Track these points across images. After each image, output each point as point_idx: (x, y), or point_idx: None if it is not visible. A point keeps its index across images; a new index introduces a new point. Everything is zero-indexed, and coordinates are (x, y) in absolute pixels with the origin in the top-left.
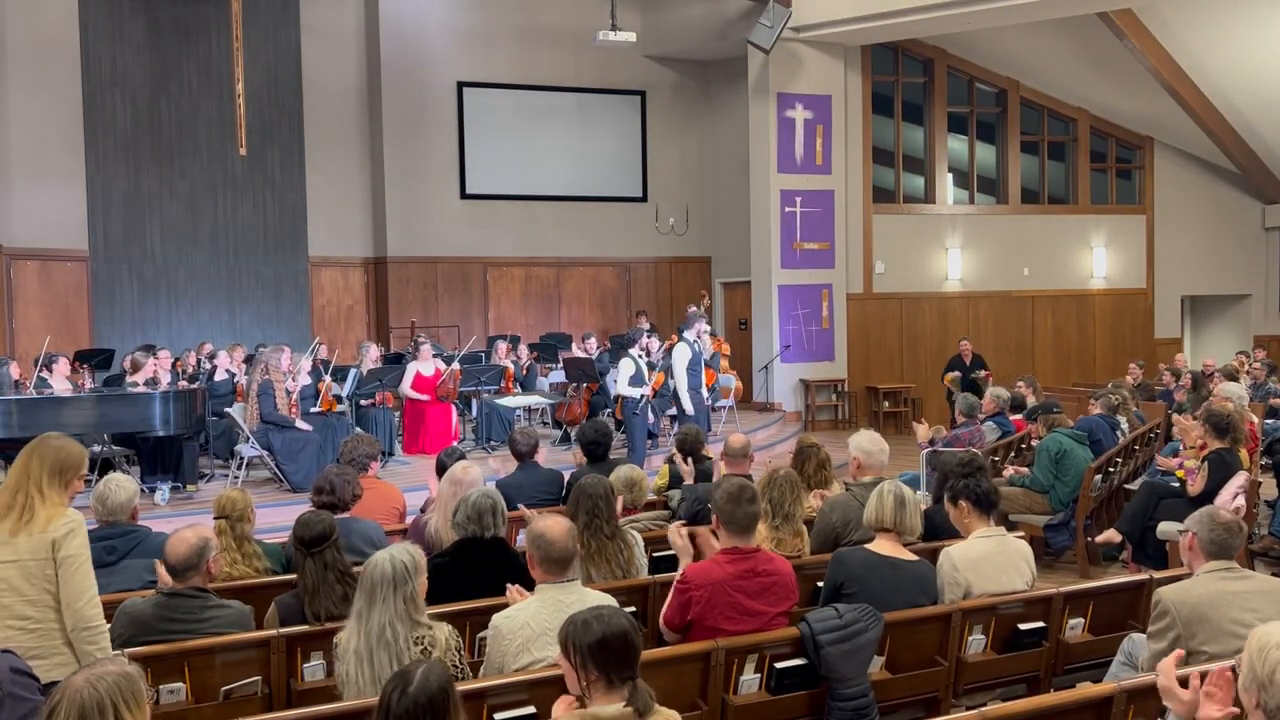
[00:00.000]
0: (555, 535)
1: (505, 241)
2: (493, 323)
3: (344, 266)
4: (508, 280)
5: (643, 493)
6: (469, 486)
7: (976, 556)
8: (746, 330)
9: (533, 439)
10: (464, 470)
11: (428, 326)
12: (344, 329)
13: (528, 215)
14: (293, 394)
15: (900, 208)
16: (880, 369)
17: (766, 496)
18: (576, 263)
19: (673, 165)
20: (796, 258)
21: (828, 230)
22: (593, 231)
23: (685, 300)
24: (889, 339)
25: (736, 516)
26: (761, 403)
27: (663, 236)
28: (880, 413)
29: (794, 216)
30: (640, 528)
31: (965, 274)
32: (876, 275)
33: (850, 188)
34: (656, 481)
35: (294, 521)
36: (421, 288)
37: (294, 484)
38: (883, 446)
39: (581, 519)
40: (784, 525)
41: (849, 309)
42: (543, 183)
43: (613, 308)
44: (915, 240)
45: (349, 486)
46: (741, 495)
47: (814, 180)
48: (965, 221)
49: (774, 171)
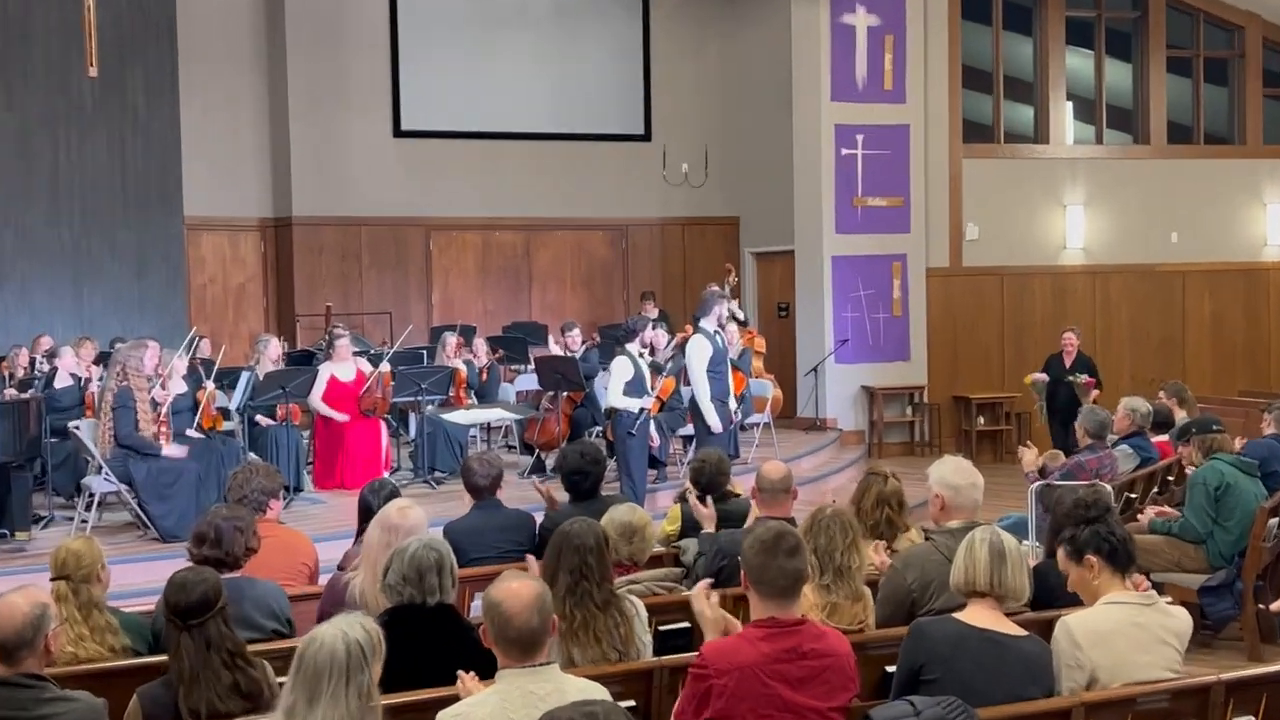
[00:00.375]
0: (517, 605)
1: (455, 196)
2: (438, 308)
3: (233, 231)
4: (459, 249)
5: (645, 543)
6: (407, 535)
7: (1106, 630)
8: (788, 318)
9: (494, 469)
10: (399, 512)
11: (348, 314)
12: (233, 317)
13: (486, 160)
14: (162, 407)
15: (1001, 149)
16: (973, 372)
17: (810, 545)
18: (554, 225)
19: (686, 92)
20: (857, 219)
21: (901, 181)
22: (576, 182)
23: (703, 277)
24: (985, 331)
25: (772, 574)
26: (809, 419)
27: (672, 189)
28: (972, 432)
29: (854, 162)
30: (641, 591)
31: (1090, 241)
32: (968, 243)
33: (932, 122)
34: (664, 528)
35: (165, 583)
36: (340, 260)
37: (163, 531)
38: (975, 480)
39: (563, 580)
40: (837, 585)
41: (930, 290)
42: (507, 116)
43: (603, 286)
44: (1021, 194)
45: (242, 535)
46: (779, 544)
47: (882, 112)
48: (1090, 168)
49: (826, 100)
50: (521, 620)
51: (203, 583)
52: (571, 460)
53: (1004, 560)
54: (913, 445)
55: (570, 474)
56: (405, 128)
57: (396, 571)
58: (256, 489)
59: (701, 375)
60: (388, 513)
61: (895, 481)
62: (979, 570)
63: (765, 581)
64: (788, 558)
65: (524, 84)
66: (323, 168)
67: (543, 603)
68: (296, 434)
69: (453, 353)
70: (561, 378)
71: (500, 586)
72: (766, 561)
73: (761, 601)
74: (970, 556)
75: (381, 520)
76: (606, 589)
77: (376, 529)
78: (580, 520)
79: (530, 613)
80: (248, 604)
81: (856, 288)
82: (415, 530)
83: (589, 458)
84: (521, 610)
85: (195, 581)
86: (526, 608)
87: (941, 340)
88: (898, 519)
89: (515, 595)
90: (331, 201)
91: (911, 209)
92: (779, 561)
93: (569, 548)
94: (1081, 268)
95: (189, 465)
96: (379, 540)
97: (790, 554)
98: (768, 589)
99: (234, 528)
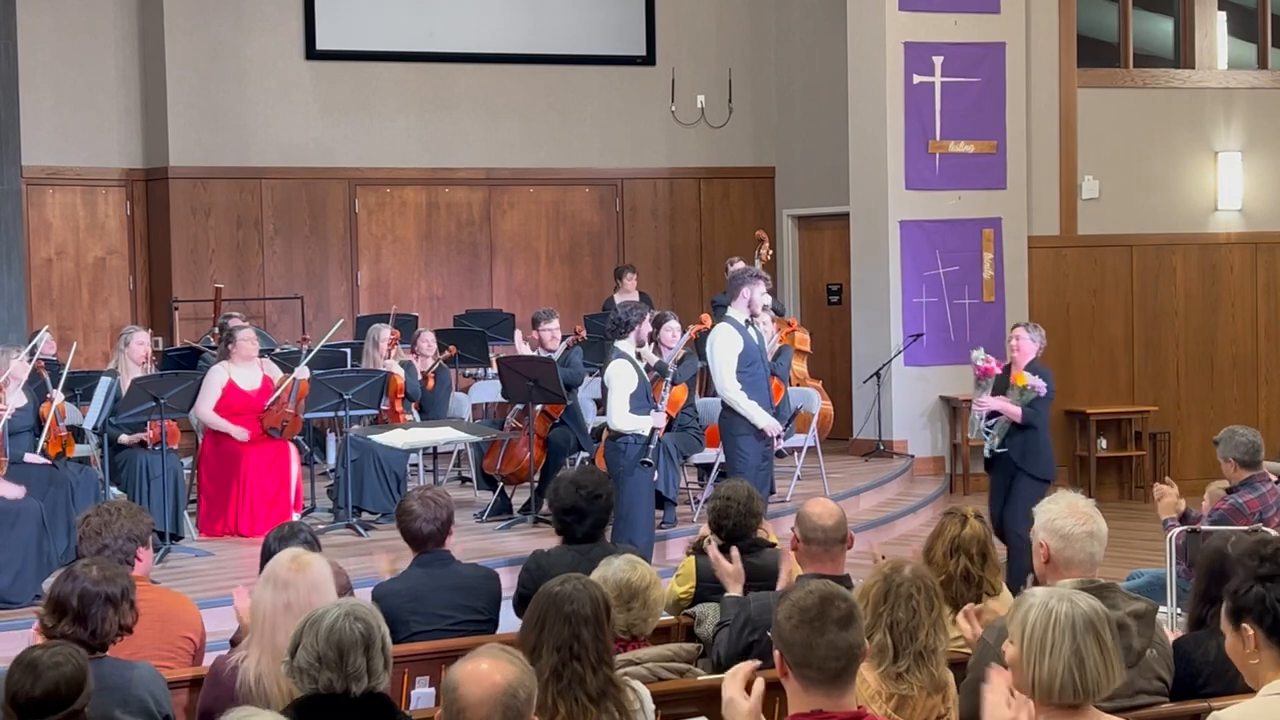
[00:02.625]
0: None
1: (389, 139)
2: (367, 291)
3: (89, 187)
4: (394, 211)
5: (649, 610)
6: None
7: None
8: (841, 305)
9: (441, 511)
10: (292, 564)
11: (245, 299)
12: (89, 302)
13: (432, 91)
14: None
15: (1129, 76)
16: (1092, 378)
17: (881, 618)
18: (523, 179)
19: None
20: (935, 170)
21: (994, 119)
22: (554, 121)
23: (726, 247)
24: (1108, 322)
25: (820, 654)
26: (869, 441)
27: (684, 130)
28: (1091, 460)
29: (930, 93)
30: (644, 675)
31: (1250, 200)
32: (1084, 204)
33: (1035, 39)
34: (673, 588)
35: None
36: (233, 226)
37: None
38: (1093, 526)
39: (548, 660)
40: (914, 670)
41: (1033, 266)
42: (459, 31)
43: (591, 262)
44: (1158, 138)
45: (115, 611)
46: (826, 613)
47: (968, 25)
48: (1251, 103)
49: (893, 8)
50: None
51: (55, 669)
52: (565, 495)
53: (1092, 651)
54: None
55: (564, 513)
56: (321, 47)
57: (309, 649)
58: (119, 535)
59: (730, 374)
60: (277, 567)
61: (978, 524)
62: (1060, 673)
63: (811, 665)
64: (840, 630)
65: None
66: (210, 102)
67: (513, 697)
68: (175, 461)
69: (386, 352)
70: (534, 386)
71: (466, 666)
72: (812, 639)
73: (805, 691)
74: (1047, 641)
75: (270, 577)
76: (604, 674)
77: (267, 589)
78: (573, 580)
79: (492, 708)
80: (116, 695)
81: (934, 264)
82: (318, 587)
83: (588, 492)
84: (481, 702)
85: (47, 666)
86: (488, 700)
87: (1049, 335)
88: (980, 574)
89: (479, 681)
90: (221, 147)
91: (1008, 157)
92: (829, 637)
93: (557, 616)
94: (1238, 236)
95: (28, 505)
96: (272, 603)
97: (843, 625)
98: (815, 675)
99: (104, 598)
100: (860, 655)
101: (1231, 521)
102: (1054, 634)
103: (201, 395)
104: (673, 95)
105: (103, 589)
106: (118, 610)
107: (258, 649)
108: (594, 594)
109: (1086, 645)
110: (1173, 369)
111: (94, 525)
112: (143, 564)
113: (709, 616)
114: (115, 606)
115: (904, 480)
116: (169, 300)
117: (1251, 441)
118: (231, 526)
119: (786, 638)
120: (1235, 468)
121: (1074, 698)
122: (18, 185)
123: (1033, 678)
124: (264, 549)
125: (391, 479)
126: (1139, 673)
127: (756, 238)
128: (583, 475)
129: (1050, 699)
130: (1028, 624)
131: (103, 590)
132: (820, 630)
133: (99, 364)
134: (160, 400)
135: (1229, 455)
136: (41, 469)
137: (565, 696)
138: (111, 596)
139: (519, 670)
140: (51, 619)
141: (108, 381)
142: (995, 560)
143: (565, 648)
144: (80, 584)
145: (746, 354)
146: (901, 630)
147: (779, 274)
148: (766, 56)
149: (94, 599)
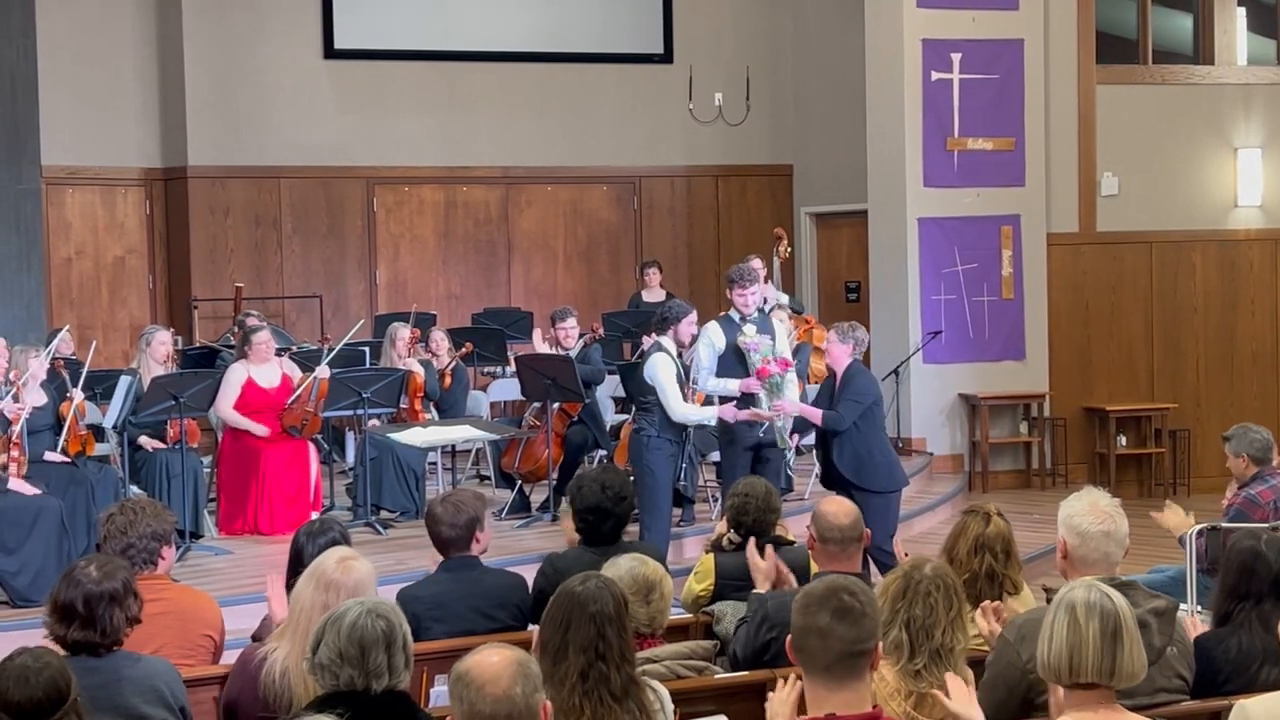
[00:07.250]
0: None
1: (408, 138)
2: (385, 290)
3: (108, 187)
4: (412, 210)
5: (663, 605)
6: (348, 595)
7: None
8: (859, 302)
9: (466, 514)
10: (340, 565)
11: (264, 298)
12: (108, 302)
13: (451, 91)
14: (14, 426)
15: (1147, 73)
16: (1111, 375)
17: (899, 614)
18: (541, 177)
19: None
20: (954, 167)
21: (1012, 116)
22: (571, 120)
23: (744, 245)
24: (1129, 317)
25: (828, 646)
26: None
27: (702, 128)
28: (1110, 458)
29: (949, 90)
30: (662, 673)
31: (1270, 197)
32: (1104, 200)
33: (1054, 36)
34: (690, 586)
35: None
36: (252, 225)
37: (15, 593)
38: (1110, 526)
39: (575, 661)
40: (932, 668)
41: (1053, 263)
42: (478, 31)
43: (608, 259)
44: (1176, 134)
45: (120, 608)
46: (826, 601)
47: (987, 22)
48: (1271, 98)
49: (910, 5)
50: (499, 690)
51: (45, 670)
52: (589, 493)
53: (1120, 635)
54: (1029, 475)
55: (587, 512)
56: (339, 46)
57: (331, 646)
58: (143, 535)
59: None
60: (324, 565)
61: (1001, 522)
62: (1089, 652)
63: (804, 650)
64: (834, 620)
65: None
66: (228, 102)
67: (528, 667)
68: (194, 460)
69: (405, 350)
70: (553, 384)
71: (467, 657)
72: (806, 623)
73: (816, 687)
74: (1074, 632)
75: (316, 574)
76: (627, 672)
77: (309, 586)
78: (593, 578)
79: (512, 679)
80: (128, 688)
81: (952, 261)
82: (360, 590)
83: (614, 493)
84: (499, 675)
85: (36, 670)
86: (505, 672)
87: (1068, 332)
88: (1003, 572)
89: (489, 660)
90: (240, 147)
91: (1027, 154)
92: (820, 624)
93: (582, 616)
94: (1258, 233)
95: (47, 503)
96: (312, 601)
97: (839, 616)
98: (818, 670)
99: (108, 597)
100: (862, 654)
101: (1248, 514)
102: (1087, 621)
103: (221, 393)
104: (690, 93)
105: (105, 588)
106: (123, 606)
107: (289, 643)
108: (614, 592)
109: (1118, 636)
110: (1192, 366)
111: (119, 524)
112: (165, 562)
113: (728, 614)
114: (120, 603)
115: (923, 478)
116: (188, 299)
117: (1265, 439)
118: (251, 525)
119: (791, 621)
120: (1247, 463)
121: (1101, 681)
122: (37, 185)
123: (1063, 645)
124: (294, 544)
125: (410, 477)
126: (1159, 670)
127: (775, 235)
128: (607, 475)
129: (1081, 677)
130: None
131: (105, 589)
132: (814, 615)
133: (119, 363)
134: (180, 399)
135: (1242, 451)
136: (61, 467)
137: (590, 696)
138: (115, 594)
139: (522, 651)
140: (60, 627)
141: (128, 380)
142: (1018, 558)
143: (591, 648)
144: (83, 588)
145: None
146: (918, 627)
147: (797, 271)
148: (784, 54)
149: (99, 600)
